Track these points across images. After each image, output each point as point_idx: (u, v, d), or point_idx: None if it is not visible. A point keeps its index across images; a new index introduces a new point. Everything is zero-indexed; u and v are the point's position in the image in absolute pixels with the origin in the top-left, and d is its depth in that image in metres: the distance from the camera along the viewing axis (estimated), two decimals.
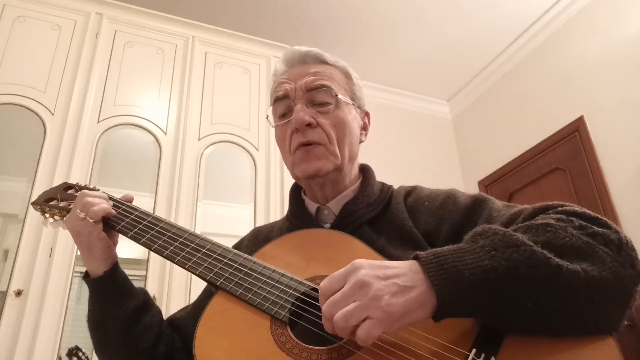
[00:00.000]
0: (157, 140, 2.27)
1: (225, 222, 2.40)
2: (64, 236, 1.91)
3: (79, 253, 1.91)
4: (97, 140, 2.16)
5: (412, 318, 0.54)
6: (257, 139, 2.47)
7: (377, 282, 0.54)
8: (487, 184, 3.45)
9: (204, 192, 2.26)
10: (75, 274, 1.89)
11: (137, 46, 2.44)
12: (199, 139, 2.35)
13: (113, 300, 0.80)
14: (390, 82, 3.70)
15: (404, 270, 0.56)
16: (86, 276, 0.82)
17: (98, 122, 2.19)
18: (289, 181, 2.44)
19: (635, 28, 2.61)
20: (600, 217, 0.62)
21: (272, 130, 0.92)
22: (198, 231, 0.81)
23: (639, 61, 2.57)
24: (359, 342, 0.53)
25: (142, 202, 2.26)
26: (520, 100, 3.32)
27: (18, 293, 1.77)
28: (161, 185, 2.17)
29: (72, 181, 0.99)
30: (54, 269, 1.84)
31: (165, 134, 2.30)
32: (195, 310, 0.87)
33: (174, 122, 2.33)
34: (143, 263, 2.02)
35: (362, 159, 0.93)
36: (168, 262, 2.06)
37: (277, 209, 2.31)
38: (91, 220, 0.79)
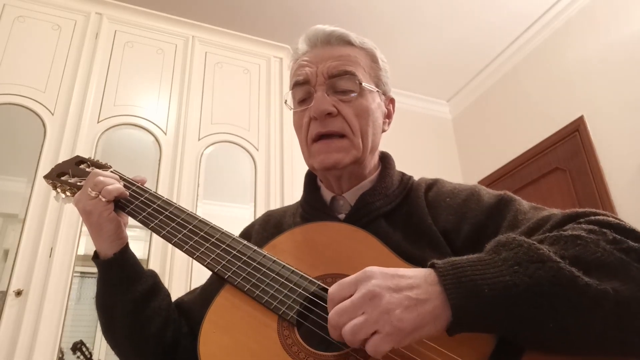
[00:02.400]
0: (157, 140, 2.27)
1: (225, 222, 2.39)
2: (64, 236, 1.91)
3: (79, 253, 1.92)
4: (97, 140, 2.16)
5: (424, 332, 0.51)
6: (257, 139, 2.46)
7: (389, 294, 0.51)
8: (487, 184, 3.45)
9: (204, 192, 2.26)
10: (75, 274, 1.89)
11: (137, 46, 2.44)
12: (199, 139, 2.35)
13: (122, 283, 0.78)
14: (391, 82, 3.69)
15: (418, 281, 0.53)
16: (95, 257, 0.80)
17: (98, 122, 2.19)
18: (289, 181, 2.44)
19: (635, 28, 2.61)
20: (636, 229, 0.57)
21: (272, 130, 0.90)
22: None
23: (639, 61, 2.56)
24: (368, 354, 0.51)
25: None
26: (520, 100, 3.32)
27: (18, 293, 1.77)
28: (161, 185, 2.17)
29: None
30: (54, 269, 1.84)
31: (165, 134, 2.30)
32: (202, 295, 0.85)
33: (174, 122, 2.33)
34: (143, 263, 2.01)
35: None
36: (168, 262, 2.07)
37: None
38: (103, 199, 0.76)
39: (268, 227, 0.88)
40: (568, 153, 2.89)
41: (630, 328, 0.50)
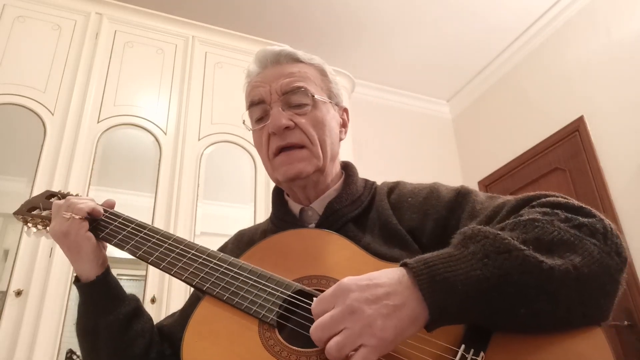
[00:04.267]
0: (157, 140, 2.27)
1: (225, 222, 2.40)
2: None
3: None
4: (97, 140, 2.16)
5: (406, 335, 0.53)
6: None
7: (368, 307, 0.52)
8: (487, 184, 3.45)
9: (204, 192, 2.26)
10: (75, 274, 1.89)
11: (137, 46, 2.44)
12: (199, 139, 2.35)
13: (105, 305, 0.78)
14: (390, 82, 3.70)
15: (393, 287, 0.54)
16: (76, 281, 0.81)
17: (98, 122, 2.19)
18: None
19: (635, 28, 2.61)
20: (583, 205, 0.63)
21: None
22: (198, 231, 0.80)
23: (639, 61, 2.57)
24: None
25: (142, 202, 2.26)
26: (520, 100, 3.32)
27: (18, 293, 1.77)
28: (161, 185, 2.17)
29: (72, 181, 0.99)
30: (54, 269, 1.84)
31: (165, 134, 2.30)
32: (182, 317, 0.86)
33: (174, 122, 2.33)
34: (143, 263, 2.01)
35: (362, 159, 0.92)
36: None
37: None
38: (77, 217, 0.78)
39: (241, 245, 0.90)
40: (568, 153, 2.89)
41: (590, 299, 0.55)
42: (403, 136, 3.68)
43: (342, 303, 0.53)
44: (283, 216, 0.87)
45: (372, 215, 0.81)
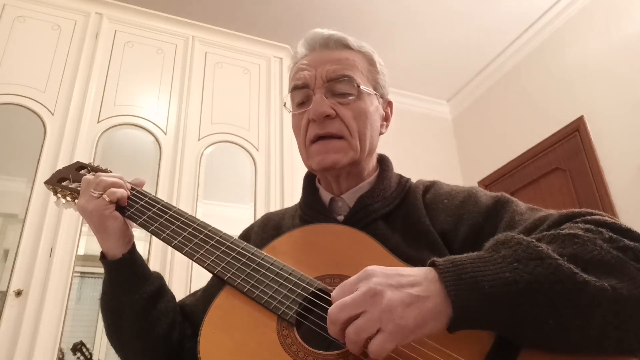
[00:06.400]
0: (157, 140, 2.27)
1: (225, 222, 2.39)
2: (64, 236, 1.91)
3: (79, 253, 1.92)
4: (97, 140, 2.16)
5: (426, 330, 0.51)
6: (257, 139, 2.46)
7: (390, 291, 0.51)
8: (487, 184, 3.45)
9: (204, 192, 2.26)
10: (75, 274, 1.89)
11: (137, 46, 2.44)
12: (199, 139, 2.35)
13: (131, 283, 0.78)
14: (390, 82, 3.68)
15: (418, 279, 0.53)
16: (102, 257, 0.80)
17: (98, 122, 2.19)
18: (289, 181, 2.44)
19: (635, 28, 2.61)
20: (631, 228, 0.58)
21: (272, 130, 0.90)
22: None
23: (639, 61, 2.56)
24: (371, 355, 0.50)
25: None
26: (520, 100, 3.32)
27: (18, 293, 1.77)
28: (161, 185, 2.17)
29: None
30: (54, 269, 1.84)
31: (165, 134, 2.30)
32: (204, 297, 0.85)
33: (174, 122, 2.33)
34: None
35: None
36: (168, 262, 2.07)
37: (277, 209, 2.31)
38: (107, 199, 0.77)
39: (267, 229, 0.89)
40: (568, 153, 2.89)
41: (627, 325, 0.50)
42: (403, 136, 3.68)
43: (364, 286, 0.52)
44: (312, 204, 0.85)
45: (403, 214, 0.78)
